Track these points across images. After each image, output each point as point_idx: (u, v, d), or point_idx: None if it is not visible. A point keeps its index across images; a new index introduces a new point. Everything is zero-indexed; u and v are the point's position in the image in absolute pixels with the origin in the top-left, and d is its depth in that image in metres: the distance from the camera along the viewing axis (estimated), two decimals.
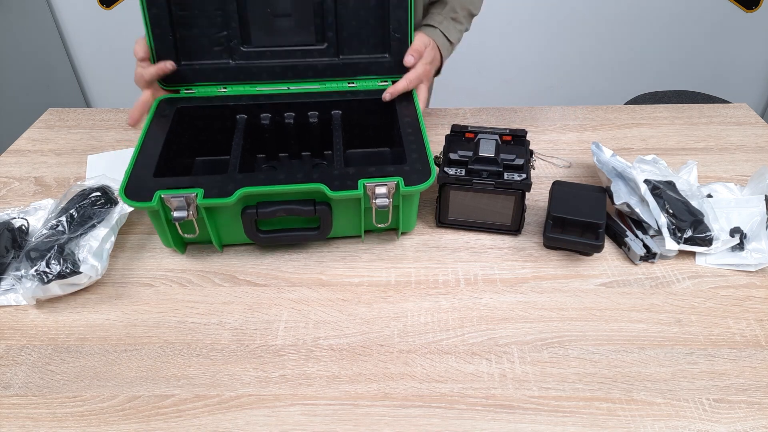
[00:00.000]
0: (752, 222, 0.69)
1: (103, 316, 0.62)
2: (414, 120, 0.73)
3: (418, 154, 0.67)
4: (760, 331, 0.59)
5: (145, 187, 0.62)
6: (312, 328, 0.60)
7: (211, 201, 0.61)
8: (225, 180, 0.63)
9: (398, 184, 0.63)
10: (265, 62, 0.78)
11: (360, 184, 0.62)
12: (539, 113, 0.98)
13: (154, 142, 0.69)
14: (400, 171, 0.64)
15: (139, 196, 0.61)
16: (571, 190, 0.70)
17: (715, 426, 0.50)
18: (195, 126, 0.77)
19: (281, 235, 0.66)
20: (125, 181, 0.63)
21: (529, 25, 1.95)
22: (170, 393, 0.54)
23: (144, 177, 0.64)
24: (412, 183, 0.63)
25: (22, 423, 0.51)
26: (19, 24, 1.74)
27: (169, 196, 0.61)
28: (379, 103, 0.77)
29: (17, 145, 0.91)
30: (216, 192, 0.62)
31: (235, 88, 0.79)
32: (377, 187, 0.63)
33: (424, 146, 0.68)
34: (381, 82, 0.80)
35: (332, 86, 0.79)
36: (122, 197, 0.61)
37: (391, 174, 0.64)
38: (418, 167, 0.65)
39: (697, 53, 2.02)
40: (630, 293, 0.64)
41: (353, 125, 0.79)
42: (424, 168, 0.65)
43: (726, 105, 1.01)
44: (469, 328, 0.60)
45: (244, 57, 0.78)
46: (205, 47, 0.77)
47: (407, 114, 0.74)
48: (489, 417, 0.52)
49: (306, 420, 0.51)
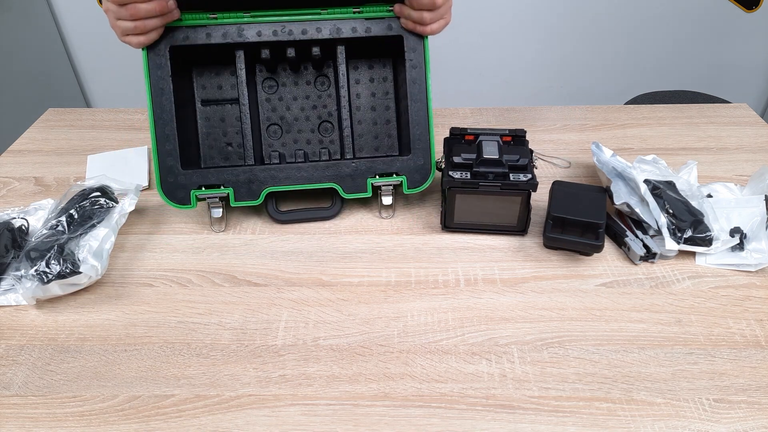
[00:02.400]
0: (752, 222, 0.69)
1: (103, 316, 0.62)
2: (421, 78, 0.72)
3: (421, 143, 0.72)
4: (760, 331, 0.59)
5: (177, 184, 0.70)
6: (312, 328, 0.60)
7: (242, 203, 0.72)
8: (247, 178, 0.71)
9: (402, 183, 0.72)
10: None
11: (368, 184, 0.72)
12: (539, 113, 0.98)
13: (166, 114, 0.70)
14: (404, 166, 0.72)
15: (176, 197, 0.70)
16: (571, 190, 0.70)
17: (715, 426, 0.50)
18: (191, 62, 0.75)
19: (298, 214, 0.74)
20: (158, 176, 0.70)
21: (529, 25, 1.95)
22: (170, 393, 0.54)
23: (172, 170, 0.70)
24: (414, 183, 0.73)
25: (22, 423, 0.51)
26: (19, 24, 1.73)
27: (205, 196, 0.70)
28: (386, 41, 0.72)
29: (17, 145, 0.91)
30: (244, 193, 0.71)
31: (226, 16, 0.70)
32: (384, 186, 0.73)
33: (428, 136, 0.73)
34: (390, 9, 0.71)
35: (336, 13, 0.71)
36: (162, 196, 0.70)
37: (396, 169, 0.73)
38: (420, 162, 0.73)
39: (698, 53, 2.02)
40: (630, 293, 0.64)
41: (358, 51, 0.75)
42: (426, 162, 0.73)
43: (726, 105, 1.01)
44: (469, 328, 0.60)
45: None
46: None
47: (415, 63, 0.71)
48: (489, 417, 0.52)
49: (306, 420, 0.51)
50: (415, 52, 0.72)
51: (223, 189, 0.71)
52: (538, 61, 2.04)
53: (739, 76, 2.07)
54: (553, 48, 2.00)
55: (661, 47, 2.00)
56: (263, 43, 0.71)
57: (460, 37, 1.93)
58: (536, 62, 2.04)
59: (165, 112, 0.70)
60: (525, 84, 2.10)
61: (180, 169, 0.70)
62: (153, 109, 0.70)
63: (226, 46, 0.71)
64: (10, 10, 1.69)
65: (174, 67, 0.70)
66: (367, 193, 0.72)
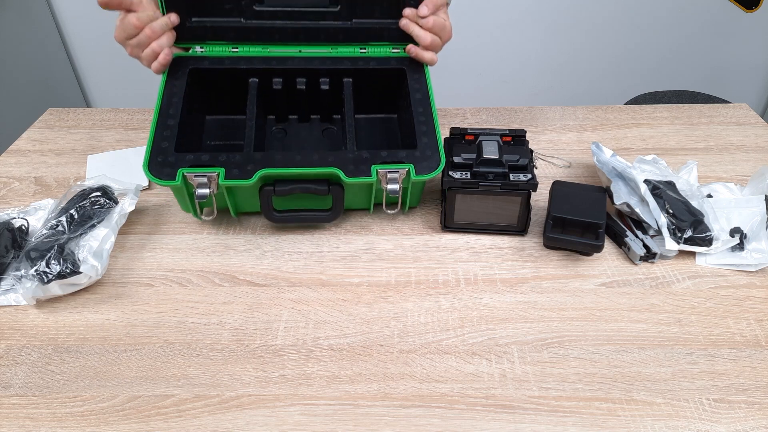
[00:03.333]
0: (752, 222, 0.69)
1: (103, 316, 0.62)
2: (425, 97, 0.73)
3: (428, 137, 0.69)
4: (760, 331, 0.59)
5: (167, 162, 0.65)
6: (312, 328, 0.60)
7: (232, 182, 0.65)
8: (244, 159, 0.66)
9: (409, 171, 0.66)
10: (278, 23, 0.77)
11: (373, 170, 0.66)
12: (539, 113, 0.98)
13: (172, 111, 0.70)
14: (411, 157, 0.67)
15: (162, 174, 0.64)
16: (571, 190, 0.70)
17: (715, 426, 0.51)
18: (208, 86, 0.78)
19: (294, 215, 0.69)
20: (147, 155, 0.65)
21: (529, 24, 1.95)
22: (170, 393, 0.54)
23: (165, 151, 0.66)
24: (422, 169, 0.67)
25: (22, 423, 0.51)
26: (19, 24, 1.74)
27: (192, 175, 0.64)
28: (390, 72, 0.77)
29: (17, 145, 0.91)
30: (237, 173, 0.65)
31: (246, 48, 0.78)
32: (389, 173, 0.66)
33: (435, 132, 0.70)
34: (393, 49, 0.79)
35: (344, 51, 0.79)
36: (145, 172, 0.64)
37: (402, 159, 0.67)
38: (428, 153, 0.68)
39: (697, 53, 2.02)
40: (630, 293, 0.64)
41: (363, 90, 0.79)
42: (434, 154, 0.68)
43: (726, 105, 1.01)
44: (469, 328, 0.60)
45: (256, 16, 0.77)
46: (216, 4, 0.76)
47: (418, 89, 0.74)
48: (489, 417, 0.52)
49: (306, 420, 0.51)
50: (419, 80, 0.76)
51: (213, 168, 0.65)
52: (538, 61, 2.04)
53: (739, 76, 2.07)
54: (553, 48, 2.00)
55: (661, 47, 2.00)
56: (275, 71, 0.77)
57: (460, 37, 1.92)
58: (536, 62, 2.04)
59: (171, 107, 0.70)
60: (525, 84, 2.10)
61: (173, 152, 0.66)
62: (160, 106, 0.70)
63: (241, 71, 0.76)
64: (10, 9, 1.69)
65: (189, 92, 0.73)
66: (371, 177, 0.66)
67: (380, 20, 0.78)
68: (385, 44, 0.79)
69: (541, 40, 1.99)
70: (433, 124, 0.70)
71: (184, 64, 0.75)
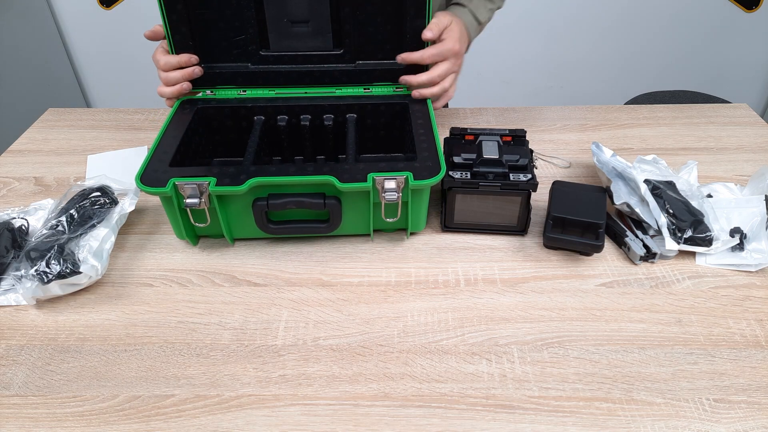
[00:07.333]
0: (752, 222, 0.69)
1: (103, 316, 0.62)
2: (426, 121, 0.74)
3: (428, 152, 0.68)
4: (760, 331, 0.59)
5: (160, 175, 0.64)
6: (312, 328, 0.60)
7: (223, 189, 0.63)
8: (238, 171, 0.65)
9: (407, 178, 0.63)
10: (283, 67, 0.80)
11: (369, 177, 0.63)
12: (539, 113, 0.98)
13: (173, 137, 0.71)
14: (410, 167, 0.65)
15: (154, 183, 0.63)
16: (571, 190, 0.70)
17: (715, 426, 0.50)
18: (213, 125, 0.79)
19: (291, 227, 0.67)
20: (142, 169, 0.65)
21: (529, 24, 1.95)
22: (170, 393, 0.54)
23: (160, 167, 0.66)
24: (422, 178, 0.64)
25: (22, 423, 0.51)
26: (19, 24, 1.74)
27: (183, 183, 0.62)
28: (393, 108, 0.79)
29: (17, 145, 0.91)
30: (228, 181, 0.63)
31: (253, 91, 0.81)
32: (386, 180, 0.63)
33: (435, 145, 0.69)
34: (396, 89, 0.81)
35: (348, 91, 0.81)
36: (138, 183, 0.63)
37: (401, 169, 0.65)
38: (429, 164, 0.66)
39: (697, 53, 2.02)
40: (630, 293, 0.64)
41: (367, 129, 0.81)
42: (434, 165, 0.66)
43: (726, 105, 1.01)
44: (469, 328, 0.60)
45: (262, 61, 0.79)
46: (223, 51, 0.79)
47: (420, 117, 0.75)
48: (489, 417, 0.52)
49: (306, 420, 0.51)
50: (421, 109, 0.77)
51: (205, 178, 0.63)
52: (538, 61, 2.04)
53: (739, 76, 2.08)
54: (553, 48, 2.01)
55: (661, 47, 2.00)
56: (280, 108, 0.78)
57: None
58: (536, 62, 2.04)
59: (177, 129, 0.73)
60: (525, 84, 2.10)
61: (168, 167, 0.66)
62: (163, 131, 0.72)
63: (246, 109, 0.79)
64: (10, 9, 1.69)
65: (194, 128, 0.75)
66: (366, 183, 0.63)
67: (383, 62, 0.80)
68: (388, 84, 0.81)
69: (541, 40, 1.99)
70: (434, 137, 0.70)
71: (192, 104, 0.78)
